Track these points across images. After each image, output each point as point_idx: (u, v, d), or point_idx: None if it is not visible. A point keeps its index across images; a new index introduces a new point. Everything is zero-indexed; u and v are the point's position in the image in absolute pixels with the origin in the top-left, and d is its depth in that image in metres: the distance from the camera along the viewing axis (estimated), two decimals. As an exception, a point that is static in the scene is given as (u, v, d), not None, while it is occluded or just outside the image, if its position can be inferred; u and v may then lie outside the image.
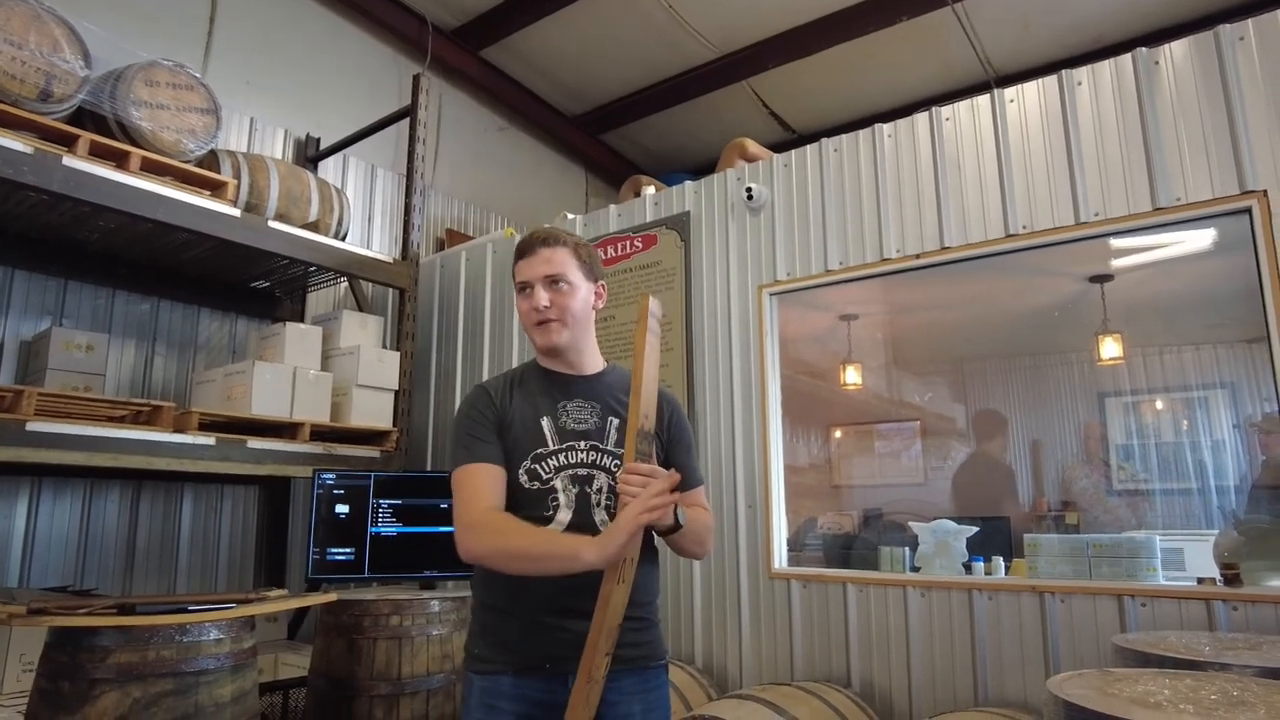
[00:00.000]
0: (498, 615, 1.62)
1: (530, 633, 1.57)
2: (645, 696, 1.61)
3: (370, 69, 5.16)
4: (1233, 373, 5.10)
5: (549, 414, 1.68)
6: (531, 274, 1.68)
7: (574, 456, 1.65)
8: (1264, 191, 2.40)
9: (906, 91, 5.78)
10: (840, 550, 4.05)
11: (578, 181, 6.89)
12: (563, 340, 1.68)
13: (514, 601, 1.60)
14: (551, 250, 1.68)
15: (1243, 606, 2.27)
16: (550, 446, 1.65)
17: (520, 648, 1.58)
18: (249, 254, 3.56)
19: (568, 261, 1.69)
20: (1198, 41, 2.61)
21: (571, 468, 1.64)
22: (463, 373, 4.36)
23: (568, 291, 1.68)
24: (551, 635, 1.56)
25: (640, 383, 1.51)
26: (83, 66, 2.96)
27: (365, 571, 3.29)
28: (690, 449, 1.78)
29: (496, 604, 1.63)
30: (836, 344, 5.34)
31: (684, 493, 1.73)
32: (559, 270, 1.67)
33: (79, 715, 2.06)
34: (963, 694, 2.66)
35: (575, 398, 1.71)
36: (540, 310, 1.67)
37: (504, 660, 1.58)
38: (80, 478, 3.46)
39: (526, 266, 1.70)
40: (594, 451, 1.66)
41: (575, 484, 1.63)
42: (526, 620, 1.58)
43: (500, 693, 1.56)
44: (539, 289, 1.67)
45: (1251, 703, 1.41)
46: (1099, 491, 4.53)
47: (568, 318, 1.68)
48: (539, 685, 1.56)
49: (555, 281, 1.67)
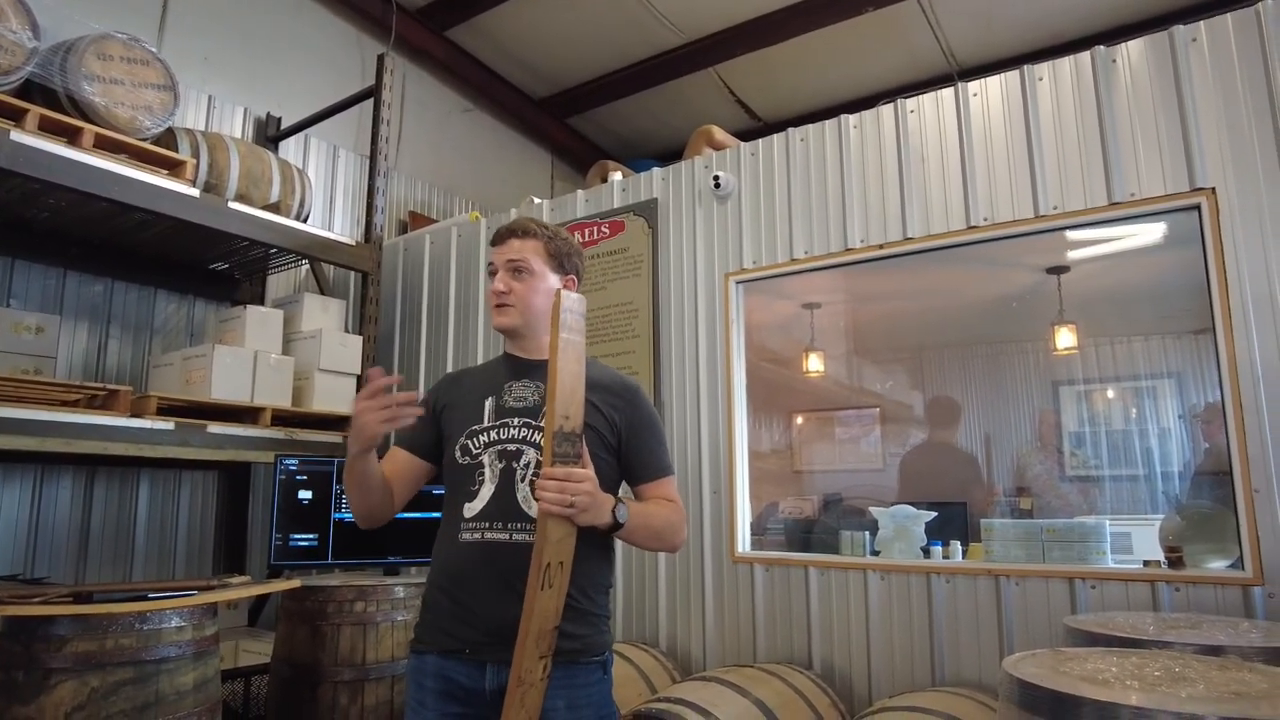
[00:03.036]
0: (434, 592, 1.67)
1: (453, 614, 1.61)
2: (571, 692, 1.57)
3: (332, 47, 5.05)
4: (1179, 363, 5.27)
5: (494, 394, 1.73)
6: (498, 259, 1.77)
7: (505, 433, 1.68)
8: (1213, 189, 2.48)
9: (872, 82, 5.84)
10: (801, 534, 4.12)
11: (543, 165, 6.84)
12: (513, 323, 1.74)
13: (444, 577, 1.65)
14: (521, 241, 1.76)
15: (1185, 588, 2.37)
16: (484, 423, 1.70)
17: (444, 629, 1.61)
18: (208, 235, 3.48)
19: (535, 252, 1.76)
20: (1153, 41, 2.67)
21: (501, 443, 1.67)
22: (426, 357, 4.33)
23: (528, 279, 1.74)
24: (467, 619, 1.59)
25: (555, 384, 1.48)
26: (30, 37, 2.86)
27: (329, 557, 3.26)
28: (654, 437, 1.76)
29: (434, 580, 1.68)
30: (799, 332, 5.40)
31: (646, 484, 1.74)
32: (521, 259, 1.75)
33: (34, 706, 2.02)
34: (920, 675, 2.73)
35: (522, 378, 1.75)
36: (498, 293, 1.74)
37: (431, 640, 1.63)
38: (30, 463, 3.37)
39: (495, 252, 1.78)
40: (526, 428, 1.68)
41: (502, 459, 1.66)
42: (452, 599, 1.62)
43: (425, 671, 1.61)
44: (501, 273, 1.76)
45: (1192, 679, 1.48)
46: (1052, 477, 4.66)
47: (521, 304, 1.74)
48: (459, 668, 1.58)
49: (518, 269, 1.75)
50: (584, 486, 1.48)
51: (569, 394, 1.52)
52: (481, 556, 1.60)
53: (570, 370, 1.52)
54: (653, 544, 1.74)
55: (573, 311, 1.54)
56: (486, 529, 1.61)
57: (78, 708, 2.03)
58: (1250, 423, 2.33)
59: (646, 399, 1.81)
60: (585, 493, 1.48)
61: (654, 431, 1.77)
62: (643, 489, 1.74)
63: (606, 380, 1.75)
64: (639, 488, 1.75)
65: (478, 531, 1.62)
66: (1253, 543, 2.27)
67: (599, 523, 1.52)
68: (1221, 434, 2.49)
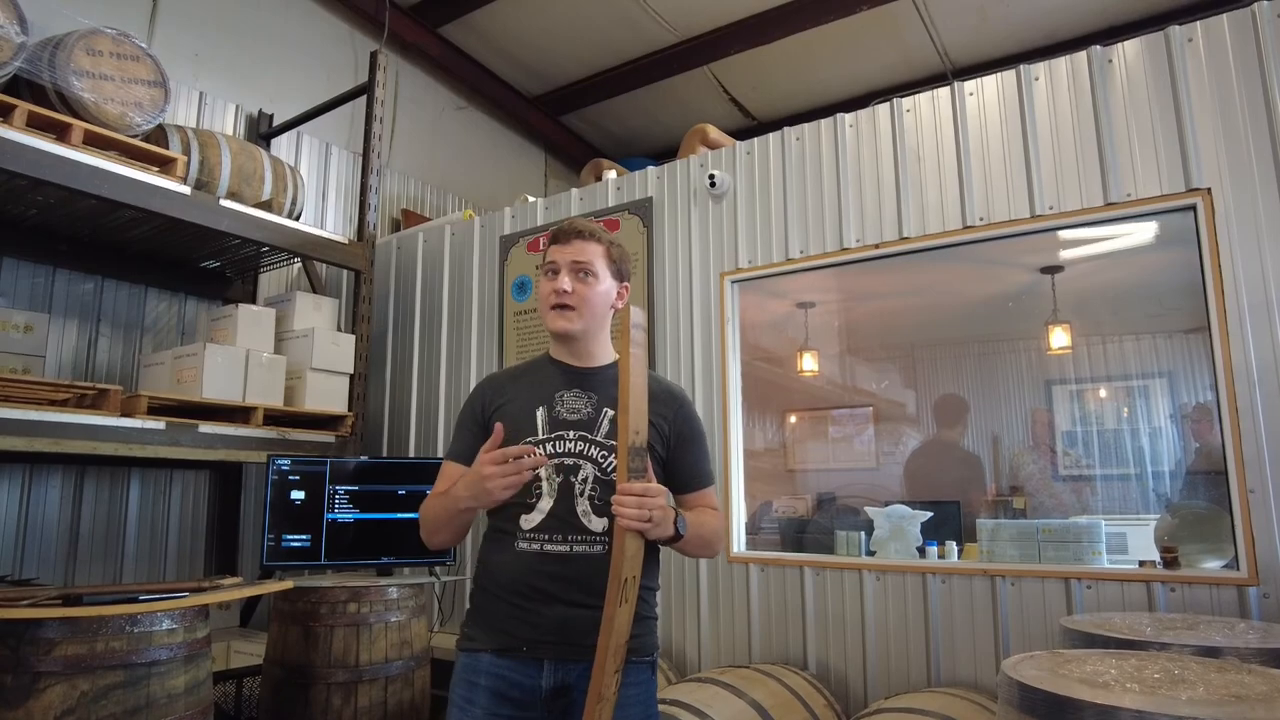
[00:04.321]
0: (486, 597, 1.66)
1: (513, 616, 1.60)
2: (621, 691, 1.58)
3: (325, 44, 5.02)
4: (1171, 362, 5.29)
5: (545, 403, 1.69)
6: (561, 258, 1.71)
7: (562, 446, 1.65)
8: (1208, 189, 2.48)
9: (866, 81, 5.84)
10: (795, 534, 4.11)
11: (537, 163, 6.81)
12: (575, 328, 1.70)
13: (497, 584, 1.64)
14: (585, 243, 1.71)
15: (1180, 588, 2.37)
16: (539, 435, 1.66)
17: (501, 629, 1.61)
18: (199, 233, 3.45)
19: (599, 256, 1.72)
20: (1149, 41, 2.67)
21: (557, 457, 1.65)
22: (419, 356, 4.30)
23: (592, 283, 1.70)
24: (527, 618, 1.59)
25: (628, 399, 1.47)
26: (18, 32, 2.82)
27: (322, 558, 3.24)
28: (700, 447, 1.77)
29: (486, 586, 1.67)
30: (794, 330, 5.40)
31: (691, 494, 1.76)
32: (588, 260, 1.70)
33: (22, 710, 1.99)
34: (916, 675, 2.73)
35: (574, 388, 1.71)
36: (560, 293, 1.68)
37: (486, 639, 1.62)
38: (19, 463, 3.33)
39: (558, 251, 1.72)
40: (582, 441, 1.66)
41: (559, 473, 1.64)
42: (510, 604, 1.61)
43: (479, 669, 1.61)
44: (564, 273, 1.70)
45: (1192, 681, 1.48)
46: (1046, 477, 4.67)
47: (585, 308, 1.70)
48: (516, 666, 1.58)
49: (582, 270, 1.70)
50: (659, 501, 1.49)
51: (639, 409, 1.52)
52: (542, 566, 1.59)
53: (639, 385, 1.52)
54: (702, 552, 1.73)
55: (639, 326, 1.54)
56: (546, 541, 1.61)
57: (67, 711, 2.00)
58: (1245, 424, 2.33)
59: (693, 408, 1.81)
60: (660, 507, 1.49)
61: (700, 442, 1.78)
62: (688, 498, 1.76)
63: (655, 390, 1.72)
64: (684, 496, 1.76)
65: (536, 543, 1.61)
66: (1248, 543, 2.28)
67: (665, 535, 1.54)
68: (1212, 433, 2.49)
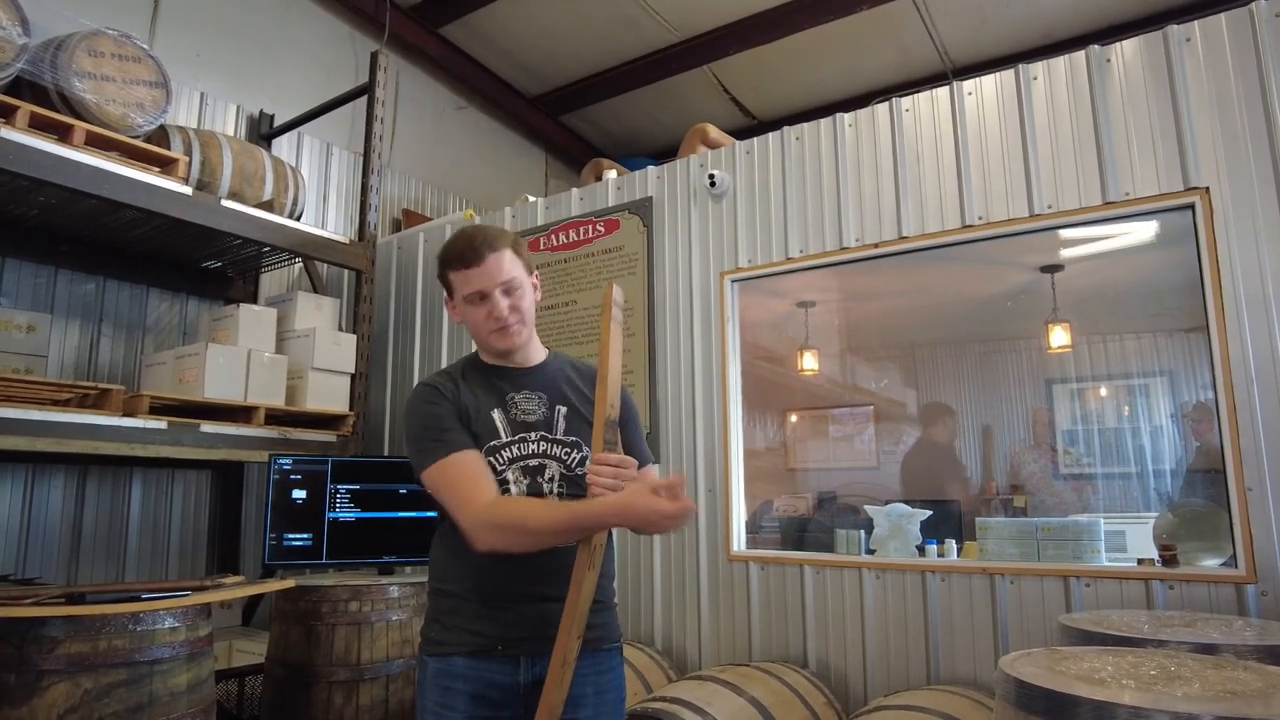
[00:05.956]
0: (453, 599, 1.65)
1: (484, 616, 1.60)
2: (598, 679, 1.64)
3: (325, 45, 5.02)
4: (1171, 361, 5.30)
5: (499, 406, 1.69)
6: (488, 283, 1.65)
7: (525, 448, 1.67)
8: (1206, 188, 2.49)
9: (866, 80, 5.84)
10: (796, 532, 4.12)
11: (537, 163, 6.82)
12: (522, 340, 1.71)
13: (464, 585, 1.63)
14: (498, 255, 1.66)
15: (1179, 586, 2.38)
16: (503, 438, 1.66)
17: (474, 630, 1.60)
18: (201, 233, 3.46)
19: (514, 263, 1.69)
20: (1147, 41, 2.68)
21: (523, 459, 1.66)
22: (420, 355, 4.31)
23: (522, 294, 1.70)
24: (503, 618, 1.59)
25: (607, 372, 1.53)
26: (20, 34, 2.84)
27: (323, 557, 3.25)
28: (639, 428, 1.82)
29: (452, 589, 1.65)
30: (794, 330, 5.41)
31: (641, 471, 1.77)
32: (511, 275, 1.67)
33: (25, 708, 2.00)
34: (915, 673, 2.74)
35: (522, 389, 1.72)
36: (502, 318, 1.66)
37: (458, 642, 1.60)
38: (22, 462, 3.34)
39: (479, 276, 1.65)
40: (544, 441, 1.68)
41: (526, 475, 1.65)
42: (480, 604, 1.61)
43: (454, 673, 1.59)
44: (497, 296, 1.66)
45: (1188, 678, 1.49)
46: (1046, 475, 4.68)
47: (525, 319, 1.71)
48: (491, 666, 1.58)
49: (508, 287, 1.67)
50: (631, 473, 1.52)
51: (616, 381, 1.58)
52: (512, 565, 1.58)
53: (616, 362, 1.58)
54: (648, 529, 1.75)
55: (619, 304, 1.60)
56: None
57: (70, 709, 2.02)
58: (1243, 422, 2.33)
59: (627, 390, 1.85)
60: (632, 478, 1.51)
61: (639, 423, 1.84)
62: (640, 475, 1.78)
63: (590, 373, 1.78)
64: None
65: None
66: (1246, 541, 2.28)
67: None
68: (1212, 432, 2.50)
